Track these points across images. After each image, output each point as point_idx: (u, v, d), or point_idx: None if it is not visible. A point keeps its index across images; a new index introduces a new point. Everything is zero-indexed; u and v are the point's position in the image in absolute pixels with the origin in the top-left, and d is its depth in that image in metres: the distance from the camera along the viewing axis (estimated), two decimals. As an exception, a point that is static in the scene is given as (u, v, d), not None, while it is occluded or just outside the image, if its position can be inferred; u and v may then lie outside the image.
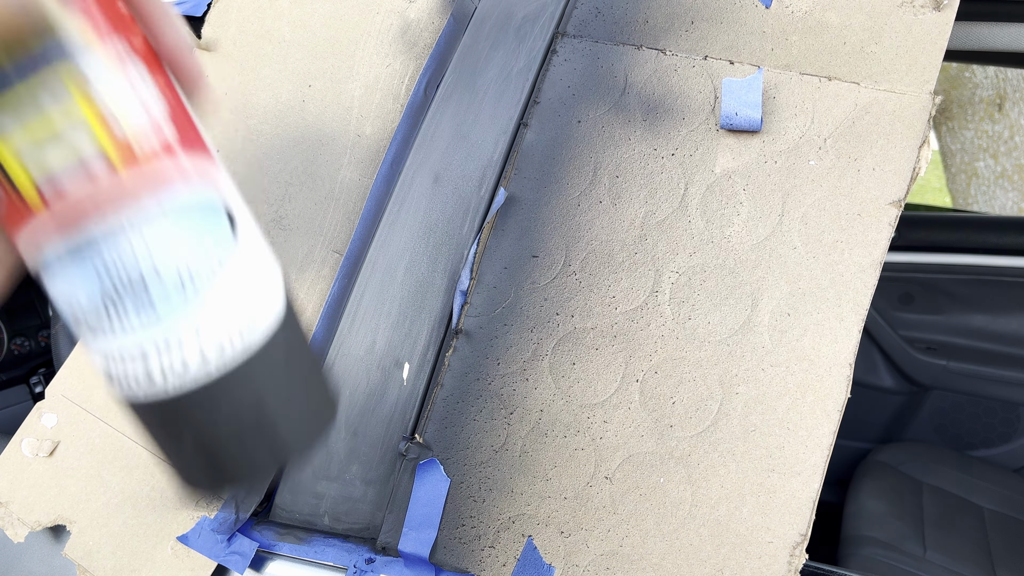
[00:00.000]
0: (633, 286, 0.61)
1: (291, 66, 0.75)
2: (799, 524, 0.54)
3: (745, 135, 0.60)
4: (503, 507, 0.60)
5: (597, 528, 0.58)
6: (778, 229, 0.58)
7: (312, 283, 0.69)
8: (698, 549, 0.55)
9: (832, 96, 0.59)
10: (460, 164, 0.67)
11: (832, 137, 0.58)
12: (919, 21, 0.57)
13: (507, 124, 0.66)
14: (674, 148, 0.62)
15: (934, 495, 1.33)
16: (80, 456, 0.70)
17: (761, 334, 0.57)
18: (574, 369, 0.61)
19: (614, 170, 0.63)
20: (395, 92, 0.71)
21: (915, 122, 0.57)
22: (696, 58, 0.63)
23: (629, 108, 0.64)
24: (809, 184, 0.58)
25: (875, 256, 0.56)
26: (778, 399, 0.56)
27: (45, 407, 0.73)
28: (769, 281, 0.58)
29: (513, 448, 0.60)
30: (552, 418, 0.60)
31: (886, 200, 0.56)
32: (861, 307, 0.55)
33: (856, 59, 0.59)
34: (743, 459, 0.56)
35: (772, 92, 0.60)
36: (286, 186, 0.73)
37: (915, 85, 0.57)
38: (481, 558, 0.59)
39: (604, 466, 0.58)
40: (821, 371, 0.55)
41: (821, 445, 0.54)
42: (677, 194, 0.61)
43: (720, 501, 0.56)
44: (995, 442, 1.59)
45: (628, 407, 0.59)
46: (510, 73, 0.68)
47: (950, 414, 1.61)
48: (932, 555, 1.18)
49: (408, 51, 0.72)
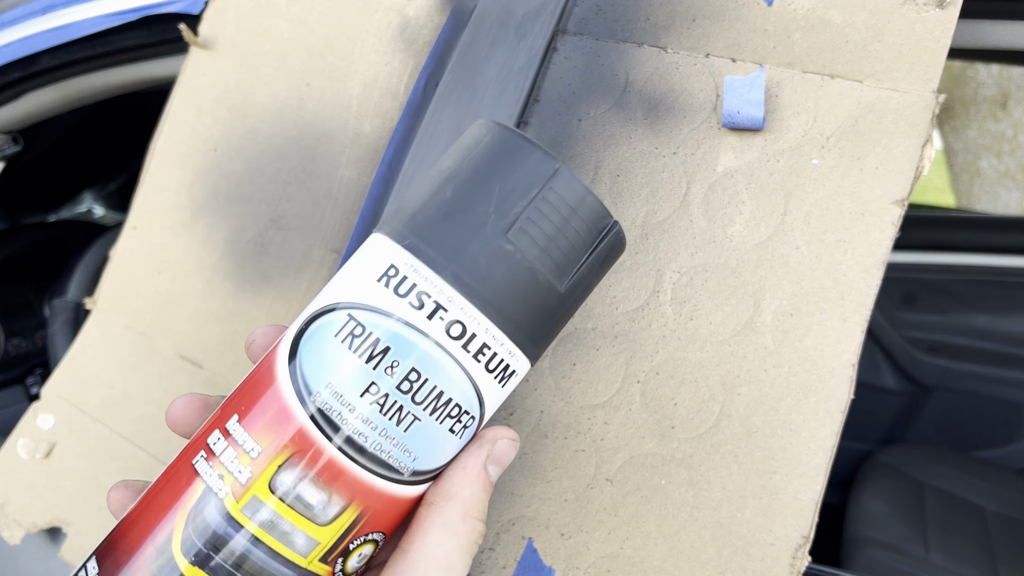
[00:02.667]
0: (634, 286, 0.60)
1: (289, 64, 0.75)
2: (801, 526, 0.53)
3: (747, 134, 0.60)
4: (503, 509, 0.59)
5: (598, 530, 0.57)
6: (780, 228, 0.58)
7: (310, 283, 0.68)
8: (700, 551, 0.55)
9: (835, 94, 0.58)
10: (460, 163, 0.66)
11: (835, 136, 0.58)
12: (922, 19, 0.57)
13: (507, 122, 0.66)
14: (675, 147, 0.61)
15: (936, 496, 1.32)
16: (77, 458, 0.70)
17: (763, 335, 0.57)
18: (574, 370, 0.60)
19: (615, 169, 0.62)
20: (394, 90, 0.71)
21: (918, 121, 0.56)
22: (698, 56, 0.62)
23: (630, 106, 0.63)
24: (812, 183, 0.58)
25: (878, 256, 0.55)
26: (780, 400, 0.55)
27: (41, 408, 0.72)
28: (771, 281, 0.57)
29: (513, 449, 0.60)
30: (552, 419, 0.60)
31: (889, 199, 0.56)
32: (864, 307, 0.55)
33: (859, 57, 0.58)
34: (745, 461, 0.55)
35: (774, 90, 0.59)
36: (284, 185, 0.72)
37: (918, 83, 0.56)
38: (480, 560, 0.59)
39: (605, 468, 0.58)
40: (824, 372, 0.55)
41: (824, 447, 0.54)
42: (679, 193, 0.61)
43: (722, 503, 0.55)
44: (998, 443, 1.59)
45: (629, 408, 0.58)
46: (510, 71, 0.67)
47: (953, 415, 1.61)
48: (934, 556, 1.18)
49: (407, 49, 0.71)
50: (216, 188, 0.76)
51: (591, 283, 0.34)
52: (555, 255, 0.31)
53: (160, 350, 0.73)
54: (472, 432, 0.33)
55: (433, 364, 0.30)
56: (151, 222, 0.78)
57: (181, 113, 0.79)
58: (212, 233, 0.75)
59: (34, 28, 0.86)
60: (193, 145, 0.78)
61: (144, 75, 0.90)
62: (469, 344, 0.30)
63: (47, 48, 0.86)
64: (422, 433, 0.30)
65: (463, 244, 0.30)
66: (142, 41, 0.85)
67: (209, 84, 0.78)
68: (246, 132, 0.75)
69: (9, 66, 0.89)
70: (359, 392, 0.29)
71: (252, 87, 0.76)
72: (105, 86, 0.94)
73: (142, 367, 0.74)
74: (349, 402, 0.29)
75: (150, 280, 0.76)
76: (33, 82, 0.92)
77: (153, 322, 0.75)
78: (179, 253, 0.76)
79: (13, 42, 0.87)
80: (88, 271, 1.14)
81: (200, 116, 0.78)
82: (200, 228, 0.75)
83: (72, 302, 1.07)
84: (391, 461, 0.30)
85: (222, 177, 0.76)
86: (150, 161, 0.79)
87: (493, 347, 0.30)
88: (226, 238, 0.74)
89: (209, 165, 0.77)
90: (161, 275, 0.76)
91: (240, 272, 0.72)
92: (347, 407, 0.29)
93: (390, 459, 0.30)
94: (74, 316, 1.05)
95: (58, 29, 0.85)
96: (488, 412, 0.33)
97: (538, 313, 0.31)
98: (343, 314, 0.30)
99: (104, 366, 0.75)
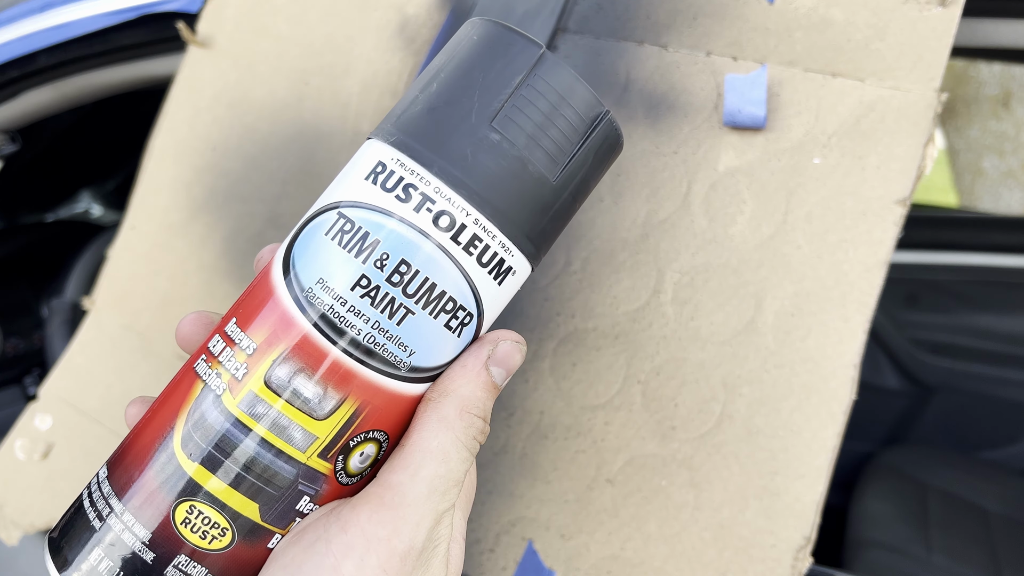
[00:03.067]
0: (635, 286, 0.60)
1: (288, 63, 0.75)
2: (803, 527, 0.53)
3: (749, 132, 0.59)
4: (503, 510, 0.59)
5: (599, 531, 0.57)
6: (782, 228, 0.57)
7: (309, 283, 0.68)
8: (701, 553, 0.55)
9: (836, 93, 0.58)
10: (459, 162, 0.66)
11: (837, 135, 0.57)
12: (924, 17, 0.56)
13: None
14: (677, 146, 0.61)
15: (939, 497, 1.32)
16: (74, 458, 0.70)
17: (765, 335, 0.56)
18: (575, 370, 0.60)
19: (615, 168, 0.62)
20: (393, 89, 0.71)
21: (921, 120, 0.56)
22: (699, 54, 0.62)
23: (631, 105, 0.63)
24: (813, 182, 0.57)
25: (880, 255, 0.55)
26: (782, 401, 0.55)
27: (39, 408, 0.72)
28: (773, 281, 0.57)
29: (513, 451, 0.60)
30: (553, 420, 0.60)
31: (892, 199, 0.55)
32: (867, 307, 0.55)
33: (861, 56, 0.58)
34: (747, 462, 0.55)
35: (776, 89, 0.59)
36: (282, 184, 0.72)
37: (921, 82, 0.56)
38: (481, 562, 0.58)
39: (606, 469, 0.58)
40: (826, 372, 0.54)
41: (826, 447, 0.54)
42: (680, 192, 0.60)
43: (723, 504, 0.55)
44: (1001, 444, 1.58)
45: (630, 409, 0.58)
46: (510, 70, 0.67)
47: (956, 416, 1.60)
48: (937, 558, 1.18)
49: (407, 47, 0.71)
50: (214, 187, 0.75)
51: (587, 177, 0.33)
52: (545, 144, 0.31)
53: (158, 350, 0.73)
54: (472, 331, 0.32)
55: (423, 256, 0.30)
56: (149, 222, 0.77)
57: (179, 112, 0.78)
58: (210, 232, 0.75)
59: (32, 27, 0.86)
60: (191, 144, 0.78)
61: (142, 74, 0.90)
62: (459, 236, 0.30)
63: (45, 47, 0.86)
64: (417, 327, 0.30)
65: (448, 136, 0.30)
66: (140, 40, 0.84)
67: (207, 83, 0.78)
68: (244, 131, 0.75)
69: (7, 65, 0.89)
70: (349, 285, 0.30)
71: (250, 86, 0.76)
72: (103, 85, 0.93)
73: (140, 367, 0.73)
74: (340, 295, 0.30)
75: (148, 280, 0.76)
76: (31, 81, 0.92)
77: (151, 322, 0.74)
78: (177, 253, 0.75)
79: (11, 41, 0.87)
80: (86, 271, 1.14)
81: (198, 115, 0.78)
82: (198, 227, 0.75)
83: (70, 302, 1.07)
84: (386, 355, 0.30)
85: (220, 176, 0.75)
86: (148, 160, 0.79)
87: (485, 239, 0.30)
88: (224, 237, 0.74)
89: (207, 164, 0.76)
90: (159, 275, 0.75)
91: (238, 272, 0.72)
92: (338, 300, 0.30)
93: (385, 353, 0.30)
94: (72, 316, 1.04)
95: (56, 28, 0.85)
96: (488, 312, 0.33)
97: (531, 205, 0.31)
98: (334, 213, 0.31)
99: (102, 366, 0.74)
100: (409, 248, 0.30)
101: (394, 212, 0.30)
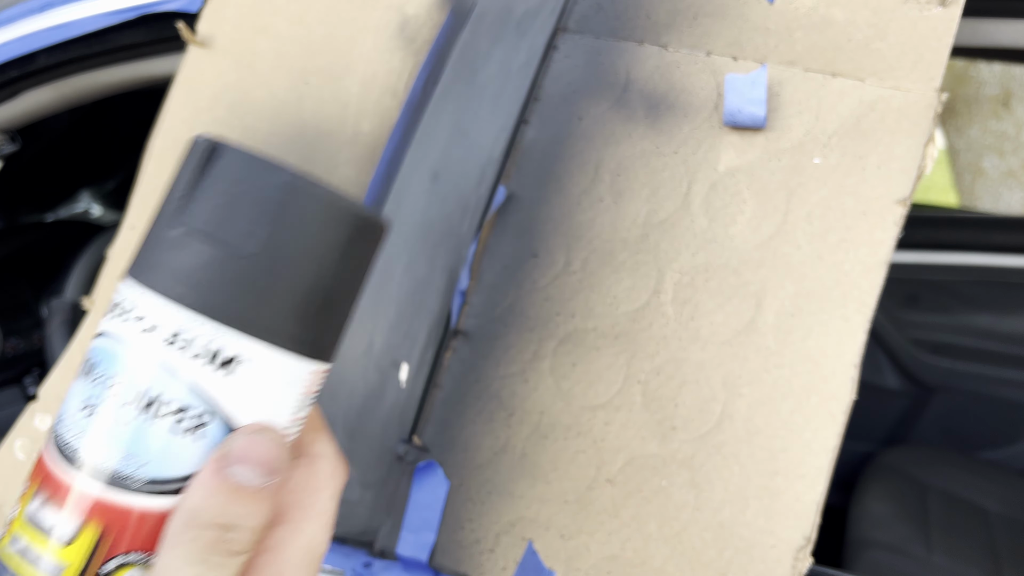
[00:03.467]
0: (635, 286, 0.60)
1: (288, 62, 0.75)
2: (804, 527, 0.53)
3: (749, 132, 0.59)
4: (503, 510, 0.59)
5: (599, 532, 0.57)
6: (782, 228, 0.57)
7: (309, 283, 0.68)
8: (701, 553, 0.55)
9: (837, 93, 0.58)
10: (459, 161, 0.66)
11: (837, 135, 0.57)
12: (924, 17, 0.57)
13: (507, 121, 0.65)
14: (677, 146, 0.61)
15: (939, 497, 1.32)
16: (74, 458, 0.69)
17: (765, 335, 0.56)
18: (575, 370, 0.60)
19: (616, 168, 0.62)
20: (393, 88, 0.71)
21: (921, 119, 0.56)
22: (699, 54, 0.62)
23: (631, 105, 0.63)
24: (814, 182, 0.57)
25: (881, 255, 0.55)
26: (783, 401, 0.55)
27: (39, 408, 0.72)
28: (773, 281, 0.57)
29: (513, 450, 0.60)
30: (553, 420, 0.59)
31: (892, 198, 0.55)
32: (867, 307, 0.55)
33: (861, 55, 0.58)
34: (747, 462, 0.55)
35: (776, 89, 0.59)
36: (283, 184, 0.72)
37: (921, 82, 0.56)
38: (480, 562, 0.58)
39: (606, 469, 0.58)
40: (826, 372, 0.54)
41: (826, 447, 0.53)
42: (680, 192, 0.60)
43: (723, 504, 0.55)
44: (1001, 443, 1.58)
45: (630, 409, 0.58)
46: (510, 69, 0.67)
47: (956, 416, 1.60)
48: (937, 558, 1.18)
49: (407, 47, 0.71)
50: (214, 187, 0.75)
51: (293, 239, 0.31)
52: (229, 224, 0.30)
53: (158, 350, 0.73)
54: (218, 432, 0.31)
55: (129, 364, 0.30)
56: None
57: (179, 112, 0.78)
58: (210, 233, 0.74)
59: (31, 27, 0.86)
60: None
61: (142, 74, 0.90)
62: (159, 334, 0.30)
63: (44, 47, 0.86)
64: (138, 434, 0.29)
65: (142, 247, 0.31)
66: (140, 39, 0.84)
67: (207, 82, 0.78)
68: (244, 131, 0.75)
69: (6, 65, 0.88)
70: (78, 407, 0.30)
71: (250, 85, 0.76)
72: (103, 85, 0.93)
73: (140, 367, 0.73)
74: (66, 418, 0.30)
75: (148, 280, 0.76)
76: (30, 81, 0.92)
77: (151, 322, 0.74)
78: (177, 253, 0.75)
79: (10, 41, 0.87)
80: (86, 271, 1.14)
81: (198, 115, 0.78)
82: (198, 227, 0.75)
83: (70, 302, 1.07)
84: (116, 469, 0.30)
85: (220, 176, 0.75)
86: (148, 160, 0.79)
87: (189, 332, 0.29)
88: (224, 238, 0.74)
89: (207, 164, 0.76)
90: (159, 275, 0.75)
91: (238, 272, 0.72)
92: (63, 423, 0.30)
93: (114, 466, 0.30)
94: (72, 316, 1.04)
95: (55, 28, 0.85)
96: (235, 410, 0.31)
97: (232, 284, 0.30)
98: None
99: (102, 366, 0.74)
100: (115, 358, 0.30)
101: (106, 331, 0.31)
